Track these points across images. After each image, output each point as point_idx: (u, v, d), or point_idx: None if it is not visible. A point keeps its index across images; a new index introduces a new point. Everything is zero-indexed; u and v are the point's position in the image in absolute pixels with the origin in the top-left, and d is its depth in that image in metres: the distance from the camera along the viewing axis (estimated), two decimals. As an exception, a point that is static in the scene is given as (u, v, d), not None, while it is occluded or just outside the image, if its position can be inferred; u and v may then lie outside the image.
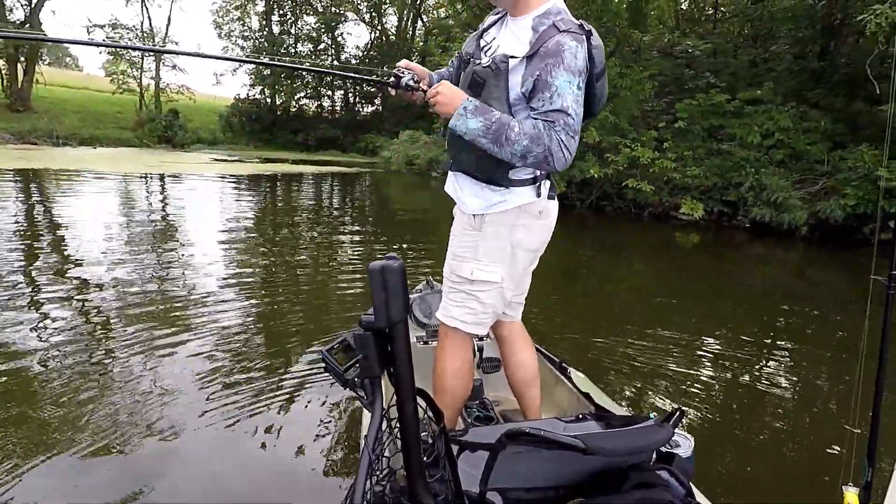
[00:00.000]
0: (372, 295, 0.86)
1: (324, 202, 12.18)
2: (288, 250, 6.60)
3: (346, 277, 5.37)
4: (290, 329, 3.81)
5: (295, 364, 3.17)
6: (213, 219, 8.38)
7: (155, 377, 2.89)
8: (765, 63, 12.55)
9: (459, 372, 1.67)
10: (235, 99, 31.73)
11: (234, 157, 22.72)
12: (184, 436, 2.36)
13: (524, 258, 1.62)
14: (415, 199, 14.28)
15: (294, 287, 4.93)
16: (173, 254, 5.87)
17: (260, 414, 2.55)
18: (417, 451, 0.97)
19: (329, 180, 17.02)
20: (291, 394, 2.79)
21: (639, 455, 1.25)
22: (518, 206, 1.54)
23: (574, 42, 1.39)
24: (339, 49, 33.47)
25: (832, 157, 9.40)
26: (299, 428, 2.46)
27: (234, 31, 32.87)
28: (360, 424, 2.07)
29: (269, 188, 13.93)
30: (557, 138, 1.38)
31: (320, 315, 4.18)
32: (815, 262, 8.27)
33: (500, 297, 1.62)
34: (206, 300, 4.19)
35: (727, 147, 10.10)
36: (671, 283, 6.28)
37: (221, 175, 15.26)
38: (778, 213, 9.24)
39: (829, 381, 3.37)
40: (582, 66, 1.40)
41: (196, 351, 3.25)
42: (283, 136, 30.07)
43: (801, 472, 2.34)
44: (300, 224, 8.72)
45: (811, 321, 4.93)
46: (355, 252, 6.84)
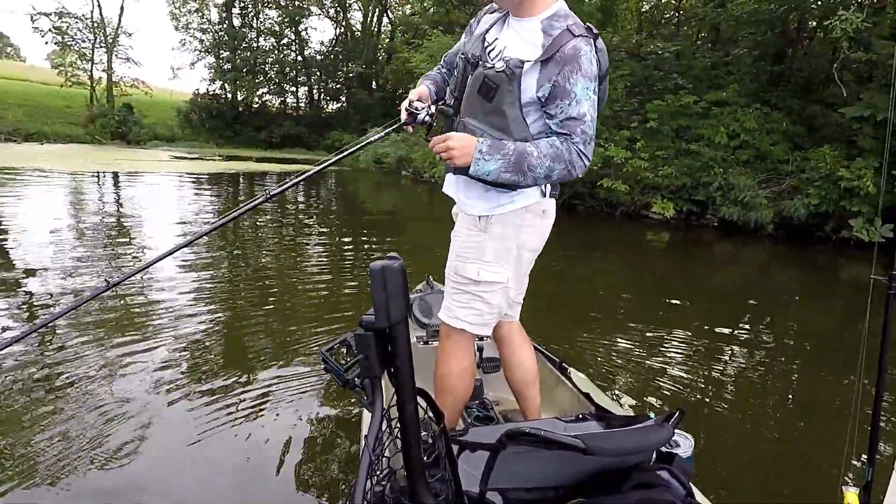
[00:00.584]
0: (372, 295, 0.85)
1: (290, 202, 11.78)
2: (252, 253, 6.34)
3: (314, 280, 5.19)
4: (258, 335, 3.63)
5: (279, 366, 3.08)
6: (173, 220, 7.98)
7: (117, 393, 2.65)
8: (725, 66, 12.88)
9: (463, 373, 1.67)
10: (194, 94, 30.61)
11: (195, 154, 21.91)
12: (161, 448, 2.23)
13: (528, 258, 1.63)
14: (385, 197, 14.03)
15: (260, 291, 4.71)
16: (130, 258, 5.51)
17: (253, 418, 2.51)
18: (418, 451, 0.97)
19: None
20: (285, 396, 2.72)
21: (639, 455, 1.24)
22: (524, 207, 1.54)
23: (588, 47, 1.39)
24: (304, 44, 32.75)
25: (795, 158, 9.66)
26: (297, 429, 2.44)
27: (191, 24, 31.70)
28: (361, 425, 2.07)
29: (232, 187, 13.41)
30: (577, 150, 1.40)
31: (287, 320, 3.98)
32: (783, 259, 8.49)
33: (505, 297, 1.62)
34: (166, 307, 3.93)
35: (696, 147, 10.26)
36: (650, 282, 6.30)
37: (181, 173, 14.62)
38: (745, 212, 9.45)
39: (829, 381, 3.37)
40: (597, 71, 1.41)
41: (161, 362, 3.02)
42: (246, 133, 29.22)
43: (801, 472, 2.33)
44: (265, 226, 8.40)
45: (806, 321, 4.96)
46: (323, 254, 6.63)
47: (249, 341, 3.51)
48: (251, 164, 19.16)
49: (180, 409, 2.55)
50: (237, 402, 2.64)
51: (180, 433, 2.34)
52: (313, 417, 2.56)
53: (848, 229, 8.74)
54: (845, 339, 4.04)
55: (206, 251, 6.14)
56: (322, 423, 2.52)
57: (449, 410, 1.62)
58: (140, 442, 2.27)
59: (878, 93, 8.56)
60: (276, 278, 5.23)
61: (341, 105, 33.41)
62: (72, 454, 2.15)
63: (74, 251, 5.58)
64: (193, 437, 2.31)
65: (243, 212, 1.64)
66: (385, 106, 30.08)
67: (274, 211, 9.89)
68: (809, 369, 3.60)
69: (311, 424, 2.50)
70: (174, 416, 2.49)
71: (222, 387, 2.79)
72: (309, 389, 2.82)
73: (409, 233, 9.14)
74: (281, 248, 6.76)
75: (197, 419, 2.45)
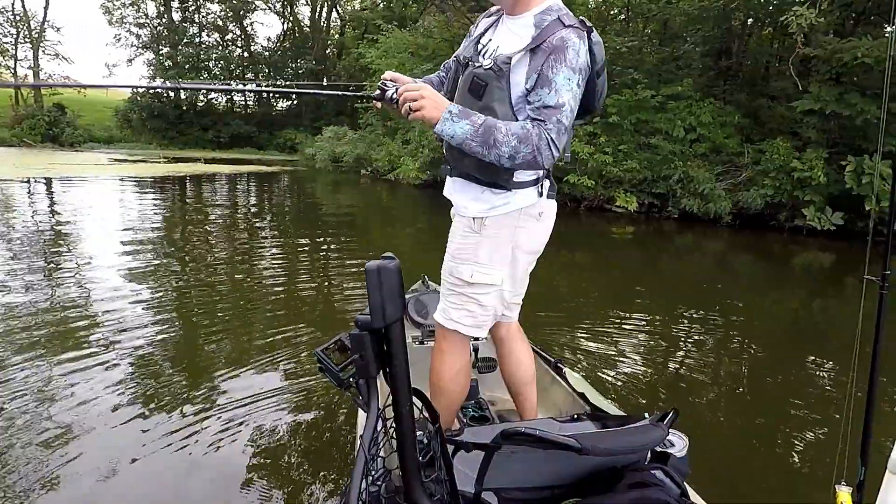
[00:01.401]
0: (368, 295, 0.85)
1: (243, 205, 11.24)
2: (203, 260, 5.97)
3: (271, 284, 4.96)
4: (214, 343, 3.47)
5: (251, 370, 3.03)
6: (115, 229, 7.38)
7: (60, 416, 2.42)
8: (674, 61, 13.22)
9: (458, 374, 1.66)
10: (133, 93, 28.90)
11: (137, 156, 20.70)
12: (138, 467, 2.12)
13: (524, 260, 1.61)
14: (344, 198, 13.62)
15: (213, 299, 4.43)
16: (68, 272, 5.03)
17: (247, 421, 2.50)
18: (413, 451, 0.97)
19: (247, 180, 15.86)
20: (264, 402, 2.69)
21: (634, 455, 1.25)
22: (519, 209, 1.52)
23: (577, 38, 1.38)
24: (250, 40, 31.55)
25: (749, 150, 9.97)
26: (293, 430, 2.45)
27: (127, 18, 29.89)
28: (356, 425, 2.06)
29: (179, 191, 12.66)
30: (547, 137, 1.37)
31: (244, 327, 3.79)
32: (748, 248, 8.73)
33: (500, 299, 1.61)
34: (112, 323, 3.65)
35: (655, 141, 10.43)
36: (622, 276, 6.31)
37: (123, 177, 13.70)
38: (705, 204, 9.68)
39: (823, 379, 3.38)
40: (583, 63, 1.39)
41: (112, 380, 2.82)
42: (192, 134, 27.87)
43: (794, 470, 2.34)
44: (217, 231, 7.94)
45: (798, 317, 5.00)
46: (279, 257, 6.33)
47: (207, 350, 3.35)
48: (199, 166, 18.23)
49: (154, 426, 2.42)
50: (215, 410, 2.57)
51: (157, 449, 2.24)
52: (307, 419, 2.54)
53: (801, 218, 9.10)
54: (837, 332, 4.09)
55: (154, 258, 5.77)
56: (314, 425, 2.50)
57: (444, 411, 1.59)
58: (98, 468, 2.09)
59: (825, 87, 8.93)
60: (229, 284, 4.97)
61: (292, 103, 32.44)
62: (8, 488, 1.92)
63: (5, 264, 5.03)
64: (177, 445, 2.26)
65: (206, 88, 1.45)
66: (338, 103, 29.39)
67: (224, 215, 9.41)
68: (802, 367, 3.61)
69: (304, 425, 2.49)
70: (143, 432, 2.37)
71: (187, 397, 2.69)
72: (288, 393, 2.77)
73: (369, 233, 8.88)
74: (233, 253, 6.43)
75: (172, 432, 2.37)
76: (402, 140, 13.76)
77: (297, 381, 2.91)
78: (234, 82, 29.79)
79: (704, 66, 12.96)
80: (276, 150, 27.16)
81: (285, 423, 2.50)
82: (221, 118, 29.43)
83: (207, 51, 29.99)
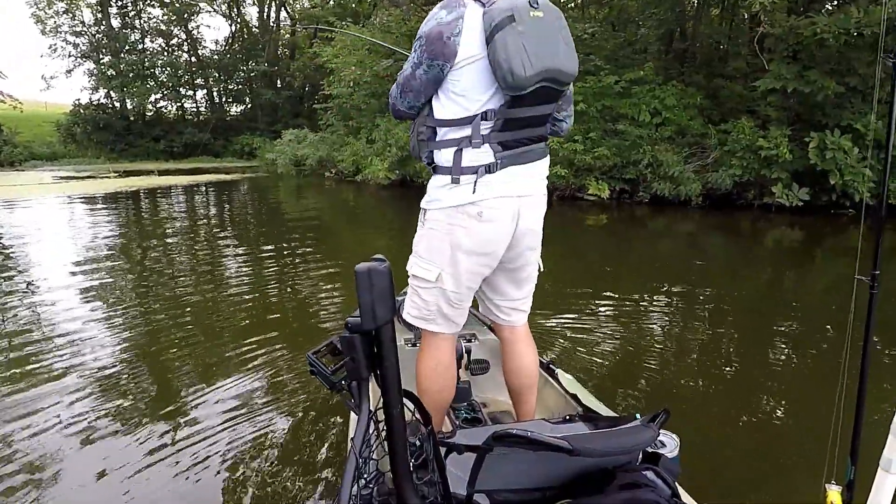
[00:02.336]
0: (358, 297, 0.85)
1: (203, 216, 10.72)
2: (164, 273, 5.70)
3: (235, 295, 4.76)
4: (180, 358, 3.39)
5: (225, 381, 3.03)
6: (66, 250, 6.89)
7: (27, 449, 2.33)
8: (629, 46, 13.28)
9: (432, 372, 1.64)
10: (75, 105, 27.32)
11: (85, 172, 19.58)
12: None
13: (468, 261, 1.54)
14: (309, 202, 13.17)
15: (175, 312, 4.28)
16: (16, 297, 4.67)
17: (233, 429, 2.54)
18: (404, 453, 0.97)
19: (206, 190, 15.18)
20: (264, 404, 2.75)
21: (625, 455, 1.25)
22: (455, 206, 1.49)
23: (437, 9, 1.47)
24: (196, 44, 30.29)
25: (716, 132, 10.06)
26: (285, 433, 2.49)
27: (61, 26, 28.20)
28: (348, 427, 2.03)
29: (133, 206, 11.96)
30: (392, 87, 1.59)
31: (213, 344, 3.66)
32: (721, 228, 8.81)
33: (442, 297, 1.58)
34: (70, 341, 3.51)
35: (622, 127, 10.42)
36: (605, 264, 6.23)
37: (70, 196, 12.87)
38: (675, 187, 9.72)
39: (813, 378, 3.36)
40: (426, 30, 1.45)
41: (79, 404, 2.74)
42: (143, 145, 26.59)
43: (785, 470, 2.35)
44: (177, 246, 7.49)
45: (788, 312, 4.86)
46: (245, 266, 6.05)
47: (178, 365, 3.29)
48: (154, 179, 17.34)
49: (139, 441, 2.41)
50: (199, 422, 2.58)
51: (140, 467, 2.23)
52: (298, 422, 2.58)
53: (769, 195, 9.25)
54: (829, 335, 4.01)
55: (109, 275, 5.45)
56: (308, 427, 2.53)
57: (430, 411, 1.55)
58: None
59: (782, 65, 9.07)
60: (193, 296, 4.81)
61: (246, 107, 31.39)
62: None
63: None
64: (161, 458, 2.28)
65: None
66: (295, 104, 28.57)
67: (184, 228, 8.91)
68: (792, 368, 3.58)
69: (295, 429, 2.52)
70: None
71: (163, 412, 2.69)
72: (273, 399, 2.80)
73: (337, 237, 8.57)
74: (195, 264, 6.15)
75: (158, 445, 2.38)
76: (367, 139, 13.38)
77: (284, 387, 2.91)
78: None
79: (660, 49, 13.09)
80: (233, 156, 26.20)
81: (273, 428, 2.51)
82: (173, 127, 28.17)
83: (152, 57, 28.63)
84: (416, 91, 1.50)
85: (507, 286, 1.70)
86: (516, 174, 1.51)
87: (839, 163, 8.35)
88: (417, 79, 1.47)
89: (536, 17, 1.40)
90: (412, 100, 1.52)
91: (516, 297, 1.72)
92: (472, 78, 1.43)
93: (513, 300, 1.72)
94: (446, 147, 1.50)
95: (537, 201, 1.61)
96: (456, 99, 1.47)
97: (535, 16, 1.40)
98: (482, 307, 1.81)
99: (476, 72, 1.43)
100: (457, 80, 1.45)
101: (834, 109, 8.80)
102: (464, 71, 1.43)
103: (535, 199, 1.59)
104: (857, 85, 8.39)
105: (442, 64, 1.43)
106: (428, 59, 1.44)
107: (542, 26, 1.41)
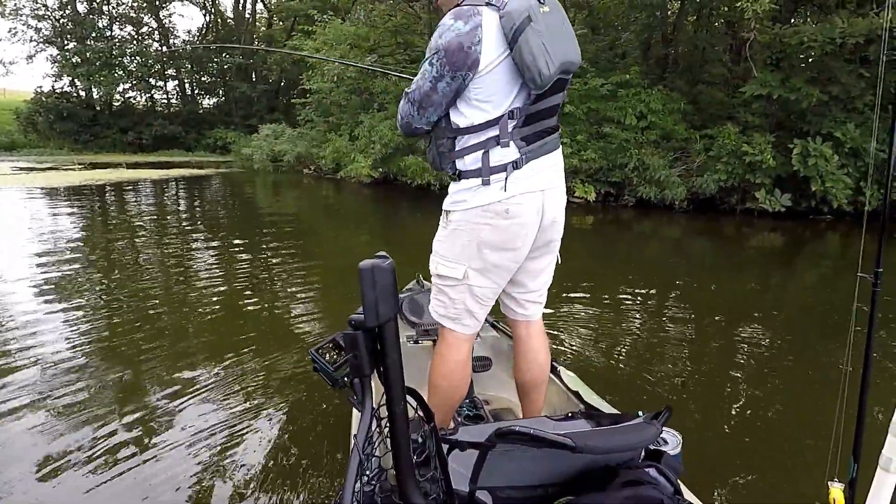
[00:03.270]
0: (362, 294, 0.85)
1: (173, 212, 10.26)
2: (130, 274, 5.39)
3: (207, 297, 4.56)
4: (149, 361, 3.25)
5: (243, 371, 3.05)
6: (25, 246, 6.41)
7: None
8: (611, 49, 13.32)
9: (450, 373, 1.66)
10: (37, 93, 26.03)
11: (46, 163, 18.64)
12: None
13: (496, 257, 1.57)
14: (287, 199, 12.79)
15: (143, 314, 4.07)
16: None
17: (233, 424, 2.55)
18: (407, 450, 0.98)
19: (178, 185, 14.61)
20: (268, 398, 2.76)
21: (627, 453, 1.25)
22: (481, 206, 1.52)
23: (451, 20, 1.44)
24: (168, 33, 29.31)
25: (702, 137, 10.13)
26: (289, 430, 2.49)
27: (23, 9, 26.84)
28: (350, 424, 2.05)
29: (99, 201, 11.38)
30: (402, 101, 1.56)
31: (180, 343, 3.53)
32: (708, 232, 8.87)
33: (469, 293, 1.60)
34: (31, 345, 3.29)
35: (608, 130, 10.40)
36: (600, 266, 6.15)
37: (31, 189, 12.18)
38: (661, 191, 9.74)
39: (815, 377, 3.36)
40: (444, 42, 1.43)
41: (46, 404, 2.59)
42: (109, 136, 25.52)
43: (787, 467, 2.35)
44: (145, 242, 7.12)
45: (789, 312, 4.94)
46: (216, 267, 5.76)
47: (143, 364, 3.18)
48: (122, 172, 16.60)
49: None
50: (200, 417, 2.58)
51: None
52: (303, 417, 2.57)
53: (752, 200, 9.35)
54: (832, 330, 4.03)
55: (72, 275, 5.10)
56: (310, 423, 2.54)
57: (438, 409, 1.59)
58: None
59: (766, 71, 9.18)
60: (161, 295, 4.64)
61: (220, 100, 30.51)
62: None
63: None
64: (165, 455, 2.28)
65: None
66: (271, 98, 27.89)
67: (153, 222, 8.49)
68: (794, 365, 3.58)
69: (299, 425, 2.52)
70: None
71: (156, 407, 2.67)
72: (274, 395, 2.80)
73: (315, 235, 8.31)
74: (164, 261, 5.89)
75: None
76: (350, 136, 13.06)
77: (288, 383, 2.91)
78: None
79: (642, 53, 13.15)
80: (206, 150, 25.39)
81: (274, 425, 2.50)
82: (143, 118, 27.12)
83: (121, 45, 27.52)
84: (436, 105, 1.49)
85: (525, 277, 1.71)
86: (538, 168, 1.54)
87: (821, 170, 8.49)
88: (439, 92, 1.47)
89: (545, 12, 1.44)
90: (432, 114, 1.52)
91: (533, 289, 1.74)
92: (496, 82, 1.46)
93: (530, 291, 1.74)
94: (471, 152, 1.52)
95: (559, 193, 1.64)
96: (479, 105, 1.49)
97: (544, 11, 1.44)
98: (500, 303, 1.81)
99: (498, 75, 1.46)
100: (479, 87, 1.47)
101: (815, 117, 8.94)
102: (486, 77, 1.45)
103: (557, 190, 1.62)
104: (839, 94, 8.54)
105: (465, 74, 1.44)
106: (450, 71, 1.44)
107: (552, 21, 1.45)
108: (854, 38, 7.62)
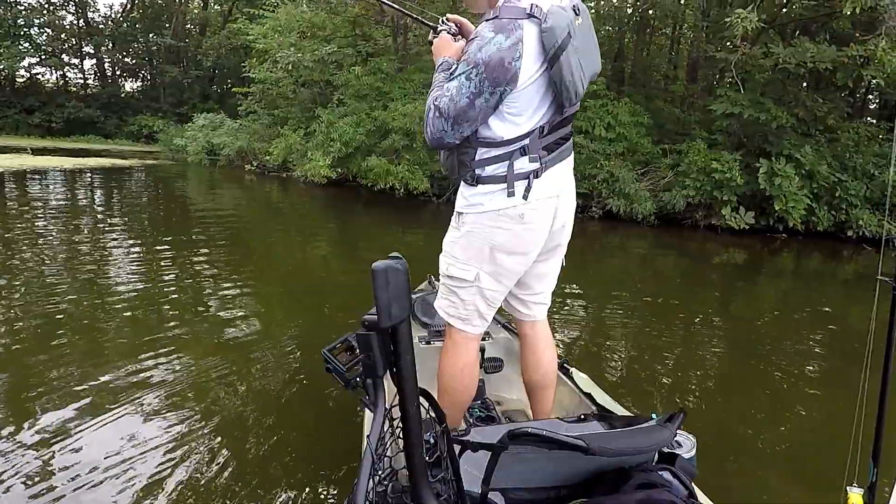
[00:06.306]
0: (375, 295, 0.85)
1: (87, 207, 8.92)
2: (34, 278, 4.57)
3: (127, 305, 4.03)
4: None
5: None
6: None
7: None
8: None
9: (460, 373, 1.67)
10: (-80, 63, 22.66)
11: (-71, 145, 16.10)
12: None
13: (508, 260, 1.58)
14: (224, 198, 11.58)
15: (48, 321, 3.61)
16: None
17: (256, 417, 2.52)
18: (420, 451, 0.98)
19: (95, 177, 12.96)
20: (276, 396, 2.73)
21: (641, 455, 1.24)
22: (496, 210, 1.53)
23: (491, 33, 1.40)
24: (85, 6, 26.45)
25: (670, 152, 10.13)
26: (299, 429, 2.46)
27: None
28: (363, 425, 1.95)
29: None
30: (431, 115, 1.48)
31: (95, 353, 3.19)
32: (683, 246, 8.80)
33: (479, 295, 1.62)
34: None
35: (578, 140, 10.16)
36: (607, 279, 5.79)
37: None
38: (630, 204, 9.61)
39: (834, 380, 3.38)
40: (485, 56, 1.39)
41: None
42: (11, 117, 22.66)
43: (804, 471, 2.32)
44: (53, 243, 6.02)
45: (800, 318, 5.12)
46: (139, 271, 5.05)
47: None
48: (26, 158, 14.56)
49: None
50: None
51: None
52: (314, 419, 2.56)
53: (716, 217, 9.42)
54: (853, 337, 4.07)
55: None
56: (323, 424, 2.52)
57: (448, 410, 1.50)
58: None
59: (732, 90, 9.29)
60: (70, 303, 4.07)
61: (145, 84, 28.00)
62: None
63: None
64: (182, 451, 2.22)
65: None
66: (205, 85, 25.87)
67: (63, 219, 7.27)
68: (813, 369, 3.60)
69: (312, 425, 2.50)
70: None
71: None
72: (291, 391, 2.67)
73: (256, 239, 7.48)
74: (75, 264, 5.16)
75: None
76: (305, 131, 12.03)
77: (304, 382, 2.86)
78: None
79: (608, 64, 13.18)
80: (128, 139, 23.09)
81: (289, 423, 2.47)
82: (52, 98, 24.28)
83: (28, 15, 24.50)
84: (472, 120, 1.45)
85: (531, 279, 1.73)
86: (555, 174, 1.56)
87: (784, 190, 8.65)
88: (477, 108, 1.43)
89: (579, 24, 1.43)
90: (466, 129, 1.47)
91: (539, 291, 1.76)
92: (530, 97, 1.46)
93: (536, 293, 1.76)
94: (493, 163, 1.51)
95: (571, 198, 1.65)
96: (511, 119, 1.48)
97: (579, 24, 1.43)
98: (504, 303, 1.78)
99: (533, 91, 1.45)
100: (514, 101, 1.45)
101: (775, 138, 9.15)
102: (522, 93, 1.44)
103: (570, 195, 1.63)
104: (805, 116, 8.75)
105: (503, 90, 1.42)
106: (490, 86, 1.41)
107: (585, 34, 1.46)
108: (824, 64, 7.79)
